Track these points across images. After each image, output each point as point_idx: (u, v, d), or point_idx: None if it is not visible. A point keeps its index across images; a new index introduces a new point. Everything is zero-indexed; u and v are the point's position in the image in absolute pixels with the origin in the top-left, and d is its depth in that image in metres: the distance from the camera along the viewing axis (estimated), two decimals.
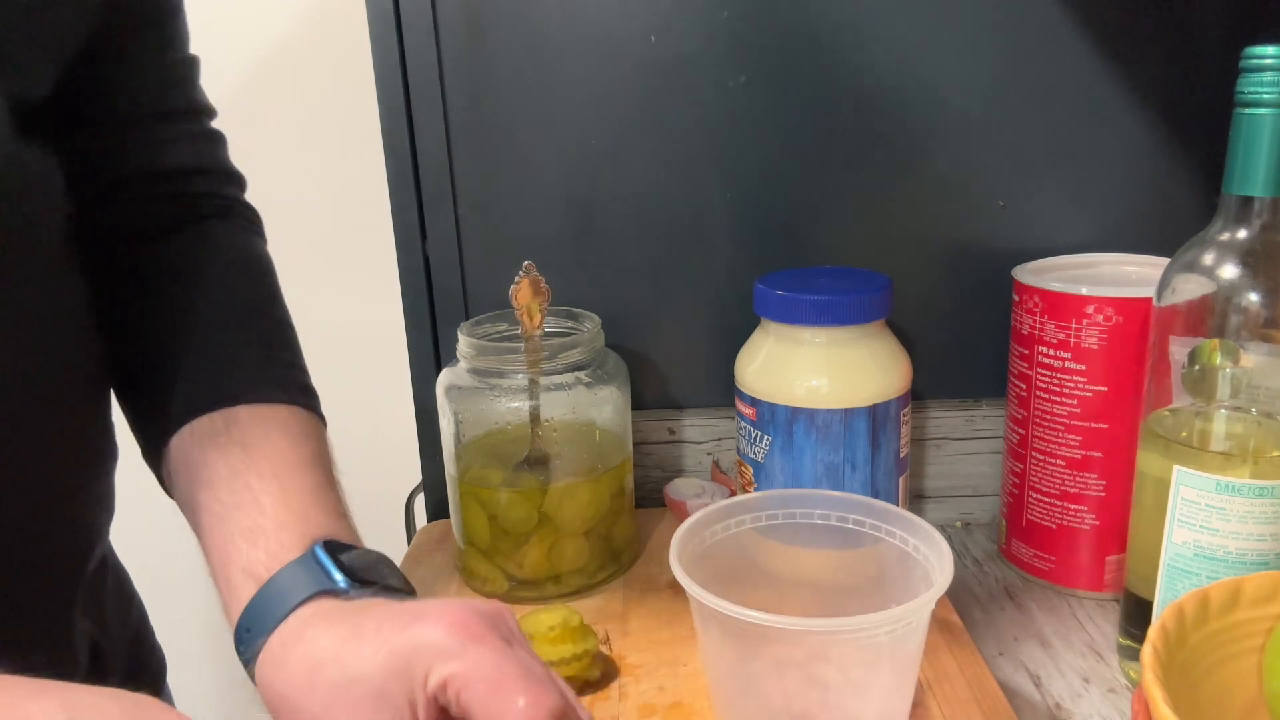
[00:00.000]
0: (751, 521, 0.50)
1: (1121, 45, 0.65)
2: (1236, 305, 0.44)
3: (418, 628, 0.37)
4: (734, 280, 0.69)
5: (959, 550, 0.68)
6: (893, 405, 0.57)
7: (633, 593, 0.61)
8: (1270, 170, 0.43)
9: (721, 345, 0.69)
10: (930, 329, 0.70)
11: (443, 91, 0.66)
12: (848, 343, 0.57)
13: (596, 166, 0.67)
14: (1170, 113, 0.66)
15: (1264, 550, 0.45)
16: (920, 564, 0.46)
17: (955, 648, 0.53)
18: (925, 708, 0.48)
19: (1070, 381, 0.57)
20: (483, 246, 0.69)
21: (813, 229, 0.69)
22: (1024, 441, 0.61)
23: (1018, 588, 0.62)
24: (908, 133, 0.67)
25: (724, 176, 0.68)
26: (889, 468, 0.58)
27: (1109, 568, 0.60)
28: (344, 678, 0.37)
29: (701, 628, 0.46)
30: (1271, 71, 0.42)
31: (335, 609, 0.40)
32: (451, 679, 0.35)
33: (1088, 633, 0.57)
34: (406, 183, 0.67)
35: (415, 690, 0.36)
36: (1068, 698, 0.51)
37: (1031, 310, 0.58)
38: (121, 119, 0.48)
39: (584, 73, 0.66)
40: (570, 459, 0.60)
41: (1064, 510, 0.60)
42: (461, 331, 0.60)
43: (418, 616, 0.37)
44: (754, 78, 0.66)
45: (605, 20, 0.65)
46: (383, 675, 0.36)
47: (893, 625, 0.41)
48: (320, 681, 0.37)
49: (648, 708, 0.49)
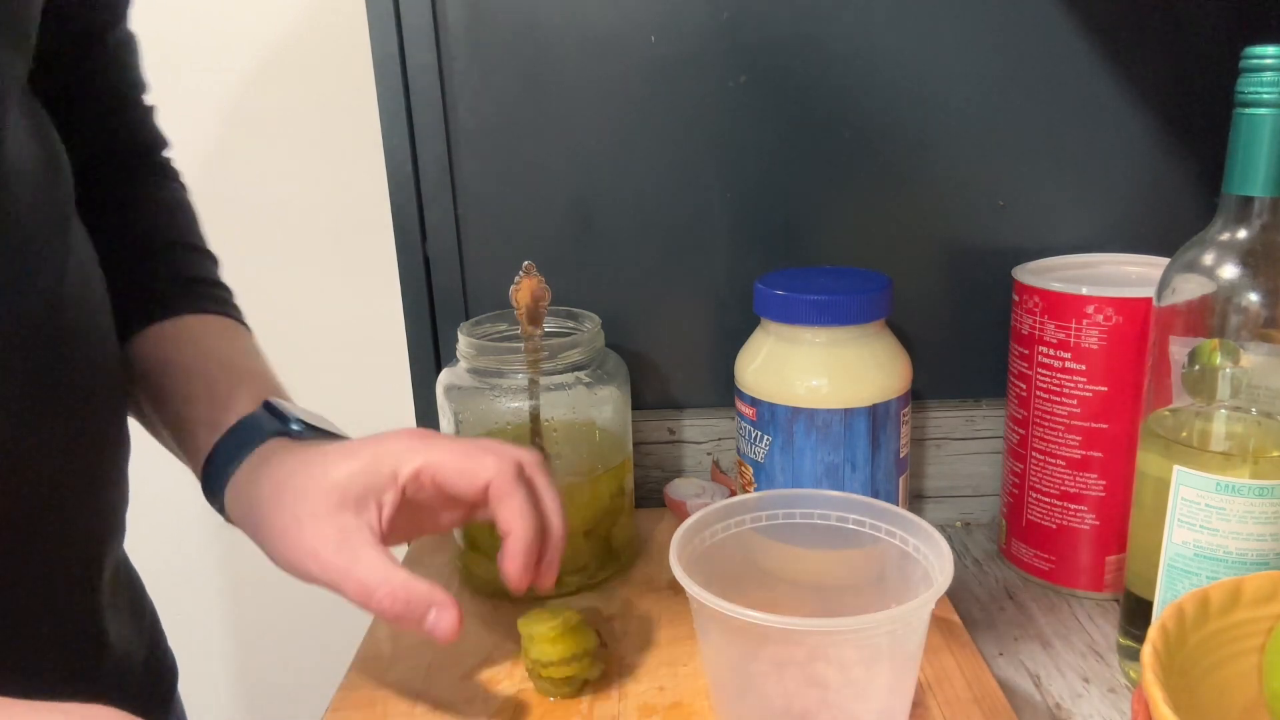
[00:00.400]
0: (751, 521, 0.50)
1: (1121, 45, 0.65)
2: (1236, 305, 0.44)
3: (383, 440, 0.45)
4: (734, 280, 0.69)
5: (959, 550, 0.68)
6: (893, 405, 0.57)
7: (633, 593, 0.61)
8: (1270, 170, 0.43)
9: (721, 345, 0.69)
10: (930, 329, 0.70)
11: (443, 91, 0.66)
12: (848, 343, 0.57)
13: (596, 166, 0.67)
14: (1170, 113, 0.66)
15: (1264, 550, 0.45)
16: (920, 564, 0.46)
17: (955, 648, 0.53)
18: (925, 708, 0.48)
19: (1070, 381, 0.57)
20: (483, 246, 0.69)
21: (813, 229, 0.69)
22: (1024, 441, 0.61)
23: (1018, 588, 0.62)
24: (908, 132, 0.67)
25: (724, 176, 0.68)
26: (889, 468, 0.58)
27: (1109, 568, 0.60)
28: (312, 484, 0.43)
29: (701, 628, 0.46)
30: (1271, 71, 0.42)
31: (294, 444, 0.46)
32: (424, 468, 0.44)
33: (1088, 633, 0.57)
34: (406, 183, 0.67)
35: (383, 487, 0.43)
36: (1068, 698, 0.51)
37: (1031, 310, 0.58)
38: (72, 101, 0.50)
39: (584, 73, 0.66)
40: (570, 459, 0.60)
41: (1064, 510, 0.60)
42: (461, 331, 0.60)
43: (379, 437, 0.45)
44: (754, 78, 0.66)
45: (605, 20, 0.65)
46: (348, 477, 0.43)
47: (893, 625, 0.41)
48: (288, 490, 0.43)
49: (648, 708, 0.49)
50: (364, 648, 0.56)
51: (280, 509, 0.43)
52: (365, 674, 0.53)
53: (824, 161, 0.67)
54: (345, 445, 0.46)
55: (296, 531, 0.42)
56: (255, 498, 0.45)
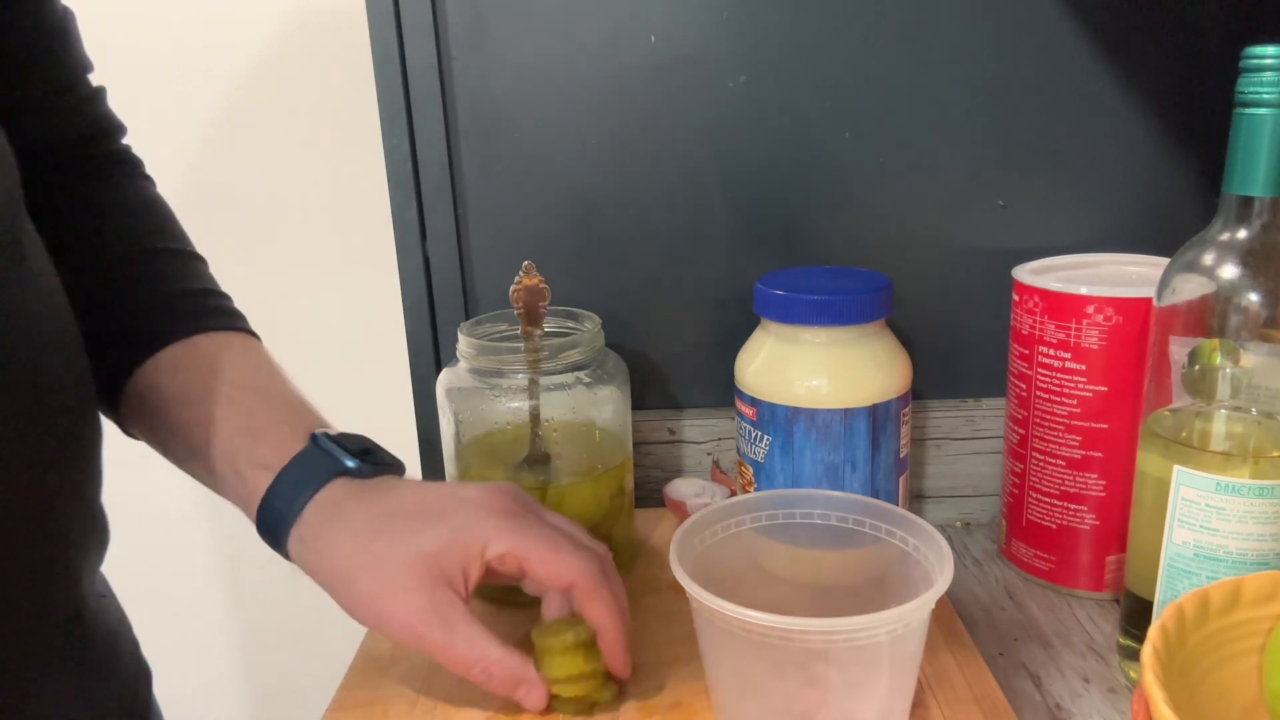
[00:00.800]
0: (751, 521, 0.50)
1: (1121, 45, 0.65)
2: (1236, 305, 0.44)
3: (469, 509, 0.46)
4: (734, 280, 0.69)
5: (959, 550, 0.68)
6: (893, 405, 0.57)
7: (633, 593, 0.60)
8: (1270, 170, 0.43)
9: (721, 345, 0.69)
10: (930, 329, 0.70)
11: (443, 91, 0.66)
12: (848, 343, 0.57)
13: (597, 166, 0.67)
14: (1170, 113, 0.66)
15: (1264, 550, 0.45)
16: (920, 564, 0.46)
17: (955, 648, 0.53)
18: (925, 708, 0.48)
19: (1070, 381, 0.57)
20: (483, 246, 0.69)
21: (813, 229, 0.69)
22: (1024, 441, 0.61)
23: (1018, 588, 0.62)
24: (908, 132, 0.67)
25: (724, 176, 0.68)
26: (889, 468, 0.58)
27: (1109, 568, 0.60)
28: (399, 553, 0.44)
29: (701, 628, 0.46)
30: (1271, 71, 0.42)
31: (360, 487, 0.46)
32: (510, 553, 0.45)
33: (1088, 633, 0.57)
34: (406, 182, 0.67)
35: (470, 561, 0.45)
36: (1068, 698, 0.51)
37: (1031, 310, 0.58)
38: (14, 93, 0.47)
39: (584, 72, 0.66)
40: (570, 459, 0.60)
41: (1064, 510, 0.60)
42: (461, 331, 0.60)
43: (464, 500, 0.47)
44: (754, 78, 0.66)
45: (605, 20, 0.65)
46: (438, 551, 0.44)
47: (893, 625, 0.41)
48: (371, 554, 0.44)
49: (647, 708, 0.49)
50: (364, 648, 0.56)
51: (365, 574, 0.44)
52: (365, 674, 0.53)
53: (824, 161, 0.67)
54: (427, 506, 0.46)
55: (389, 601, 0.44)
56: (333, 554, 0.45)
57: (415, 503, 0.46)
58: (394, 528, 0.45)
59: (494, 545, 0.45)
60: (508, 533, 0.45)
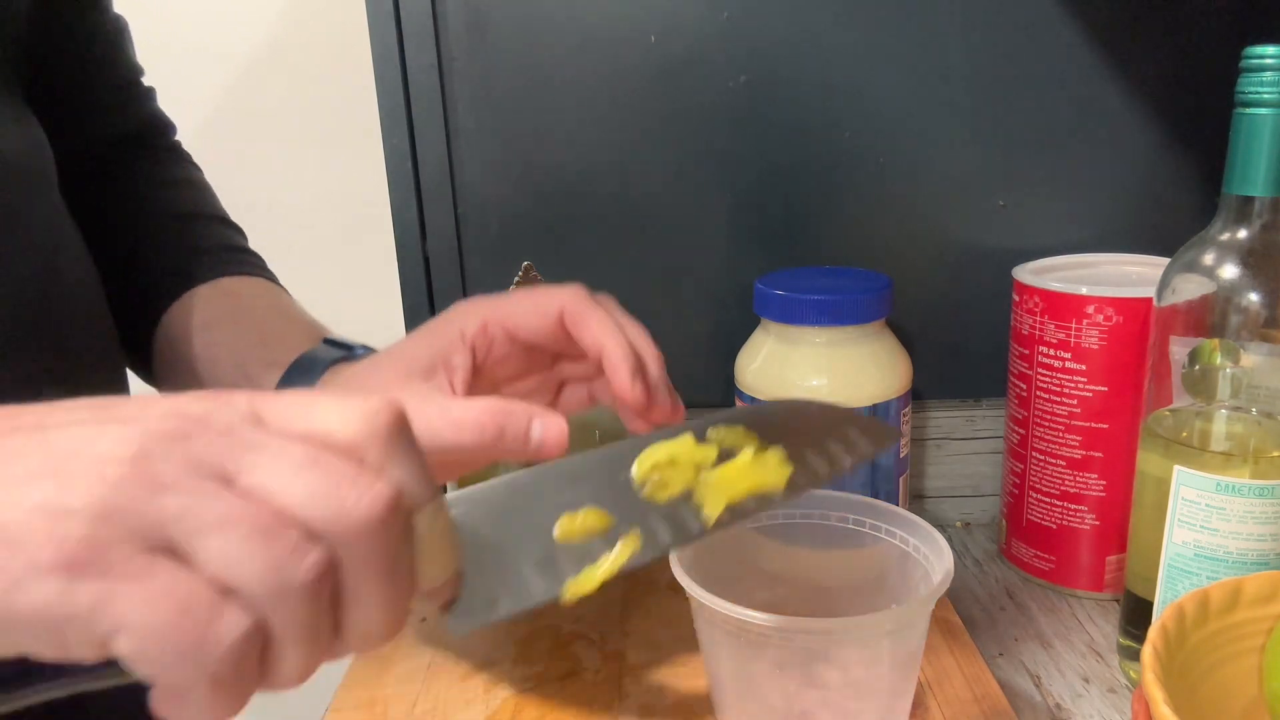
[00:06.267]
0: (751, 521, 0.50)
1: (1121, 45, 0.65)
2: (1237, 305, 0.44)
3: (448, 310, 0.44)
4: (734, 280, 0.69)
5: (959, 550, 0.68)
6: (893, 405, 0.57)
7: (633, 593, 0.61)
8: (1270, 170, 0.43)
9: (721, 345, 0.69)
10: (930, 329, 0.70)
11: (443, 91, 0.66)
12: (848, 343, 0.57)
13: (596, 166, 0.67)
14: (1170, 113, 0.66)
15: (1264, 550, 0.45)
16: (920, 564, 0.46)
17: (955, 648, 0.53)
18: (925, 708, 0.48)
19: (1070, 381, 0.57)
20: (483, 246, 0.69)
21: (813, 229, 0.69)
22: (1024, 441, 0.61)
23: (1018, 588, 0.62)
24: (908, 132, 0.67)
25: (724, 176, 0.68)
26: (889, 468, 0.58)
27: (1109, 568, 0.60)
28: (378, 363, 0.43)
29: (702, 628, 0.46)
30: (1272, 71, 0.42)
31: (361, 362, 0.45)
32: (490, 319, 0.42)
33: (1088, 633, 0.57)
34: (406, 183, 0.67)
35: (451, 349, 0.42)
36: (1068, 698, 0.51)
37: (1032, 310, 0.58)
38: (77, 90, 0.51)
39: (584, 72, 0.65)
40: None
41: (1064, 510, 0.60)
42: None
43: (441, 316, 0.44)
44: (754, 78, 0.66)
45: (605, 20, 0.65)
46: (414, 347, 0.42)
47: (893, 625, 0.41)
48: (354, 380, 0.43)
49: (648, 708, 0.49)
50: None
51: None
52: (365, 674, 0.53)
53: (824, 161, 0.67)
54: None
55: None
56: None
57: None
58: (376, 357, 0.44)
59: (470, 322, 0.42)
60: (482, 305, 0.42)
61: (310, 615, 0.25)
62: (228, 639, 0.23)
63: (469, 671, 0.53)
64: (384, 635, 0.27)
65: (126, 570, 0.23)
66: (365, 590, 0.26)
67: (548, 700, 0.50)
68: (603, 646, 0.55)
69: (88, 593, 0.22)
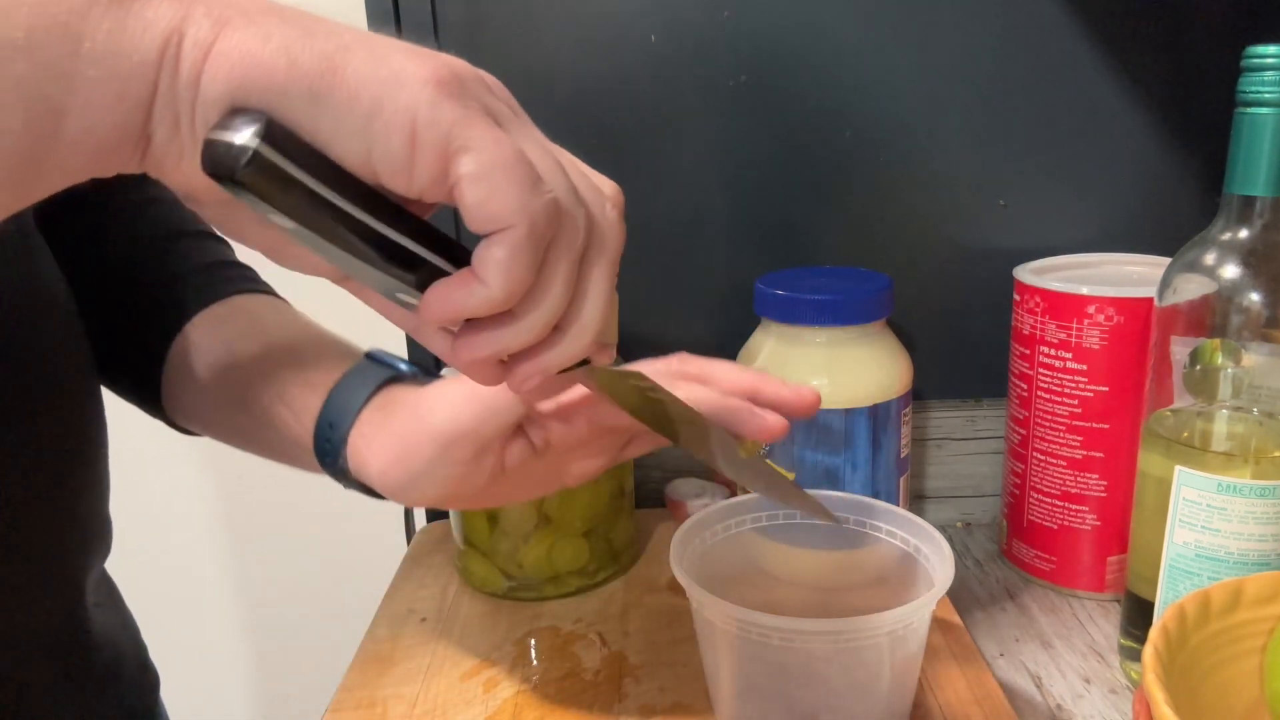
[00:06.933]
0: (751, 522, 0.50)
1: (1122, 45, 0.65)
2: (1238, 305, 0.44)
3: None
4: (734, 280, 0.69)
5: (960, 551, 0.68)
6: (893, 405, 0.57)
7: (633, 593, 0.61)
8: (1271, 170, 0.43)
9: (721, 345, 0.69)
10: (930, 329, 0.70)
11: None
12: (848, 343, 0.57)
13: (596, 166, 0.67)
14: (1171, 112, 0.66)
15: (1265, 551, 0.45)
16: (921, 564, 0.46)
17: (956, 648, 0.53)
18: (926, 708, 0.48)
19: (1071, 381, 0.57)
20: None
21: (813, 229, 0.69)
22: (1025, 442, 0.61)
23: (1019, 588, 0.62)
24: (908, 132, 0.66)
25: (724, 176, 0.68)
26: (889, 468, 0.58)
27: (1110, 568, 0.60)
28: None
29: (701, 628, 0.46)
30: (1272, 71, 0.42)
31: (416, 383, 0.44)
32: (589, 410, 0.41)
33: (1089, 633, 0.57)
34: None
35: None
36: (1069, 698, 0.51)
37: (1033, 310, 0.58)
38: None
39: (584, 72, 0.65)
40: None
41: (1065, 511, 0.60)
42: None
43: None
44: (754, 77, 0.66)
45: (605, 19, 0.65)
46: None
47: (893, 626, 0.41)
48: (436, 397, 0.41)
49: (648, 708, 0.49)
50: (364, 648, 0.56)
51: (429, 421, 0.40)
52: (365, 674, 0.53)
53: (824, 161, 0.67)
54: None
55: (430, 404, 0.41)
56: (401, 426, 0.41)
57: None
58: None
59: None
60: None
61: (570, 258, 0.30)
62: (548, 194, 0.29)
63: (469, 671, 0.53)
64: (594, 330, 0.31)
65: (478, 112, 0.28)
66: (596, 274, 0.31)
67: (548, 700, 0.50)
68: (603, 646, 0.55)
69: (451, 109, 0.26)
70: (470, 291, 0.28)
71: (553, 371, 0.32)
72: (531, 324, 0.30)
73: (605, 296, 0.31)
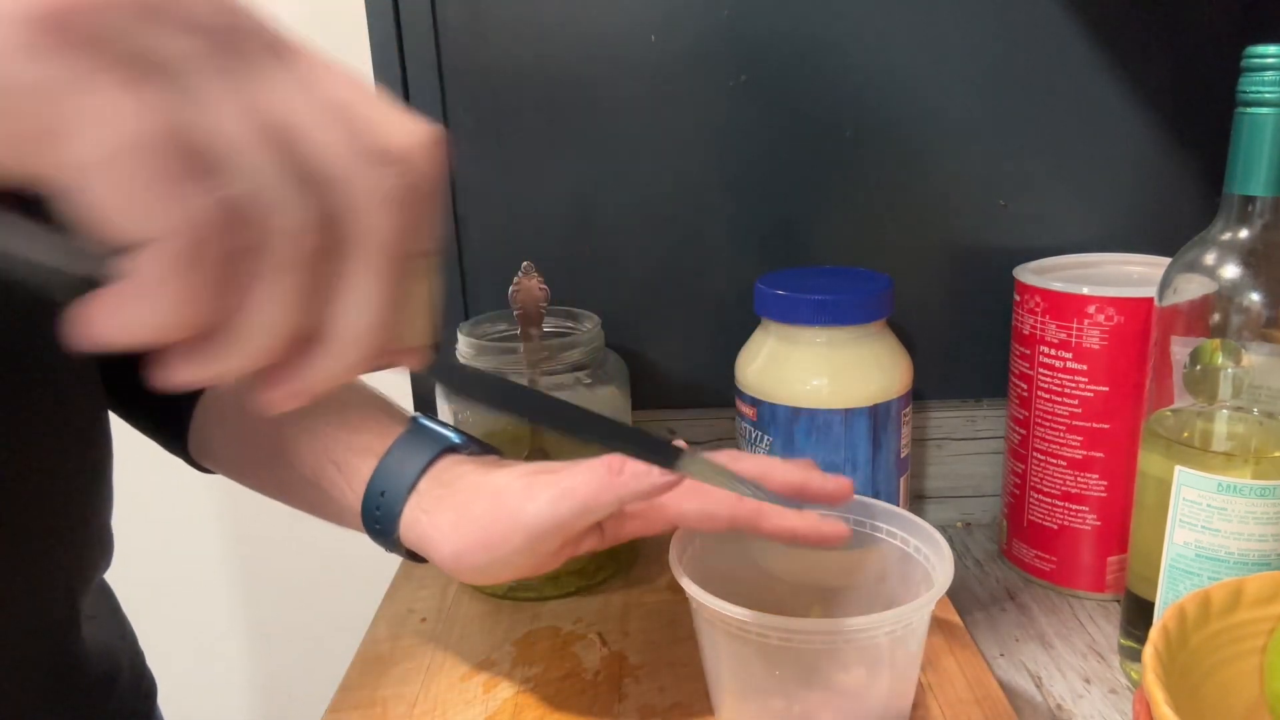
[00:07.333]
0: None
1: (1122, 45, 0.64)
2: (1238, 305, 0.44)
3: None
4: (734, 280, 0.69)
5: (960, 551, 0.68)
6: (893, 405, 0.57)
7: (633, 593, 0.61)
8: (1272, 170, 0.43)
9: (721, 345, 0.69)
10: (930, 329, 0.70)
11: (443, 91, 0.66)
12: (848, 343, 0.57)
13: (596, 166, 0.67)
14: (1171, 112, 0.66)
15: (1265, 551, 0.45)
16: (921, 564, 0.46)
17: (956, 648, 0.53)
18: (926, 708, 0.48)
19: (1072, 381, 0.57)
20: (483, 246, 0.69)
21: (813, 229, 0.69)
22: (1025, 442, 0.61)
23: (1019, 588, 0.62)
24: (908, 132, 0.66)
25: (724, 176, 0.68)
26: (889, 468, 0.58)
27: (1110, 568, 0.59)
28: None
29: (701, 628, 0.46)
30: (1273, 71, 0.42)
31: (471, 460, 0.43)
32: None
33: (1089, 633, 0.57)
34: None
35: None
36: (1069, 698, 0.51)
37: (1033, 310, 0.58)
38: None
39: (583, 72, 0.65)
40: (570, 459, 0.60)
41: (1065, 511, 0.60)
42: (461, 331, 0.60)
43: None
44: (754, 78, 0.66)
45: (605, 19, 0.65)
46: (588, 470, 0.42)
47: (893, 626, 0.41)
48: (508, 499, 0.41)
49: (648, 708, 0.49)
50: (364, 648, 0.56)
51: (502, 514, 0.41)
52: (365, 674, 0.53)
53: (824, 161, 0.67)
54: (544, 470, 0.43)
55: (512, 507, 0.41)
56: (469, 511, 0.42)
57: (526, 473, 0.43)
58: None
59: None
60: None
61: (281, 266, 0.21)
62: (218, 192, 0.20)
63: (469, 671, 0.53)
64: (366, 343, 0.24)
65: (102, 67, 0.18)
66: (358, 276, 0.23)
67: (548, 700, 0.50)
68: (602, 647, 0.55)
69: (53, 64, 0.18)
70: (134, 309, 0.21)
71: (317, 390, 0.25)
72: (241, 349, 0.22)
73: (376, 299, 0.23)
